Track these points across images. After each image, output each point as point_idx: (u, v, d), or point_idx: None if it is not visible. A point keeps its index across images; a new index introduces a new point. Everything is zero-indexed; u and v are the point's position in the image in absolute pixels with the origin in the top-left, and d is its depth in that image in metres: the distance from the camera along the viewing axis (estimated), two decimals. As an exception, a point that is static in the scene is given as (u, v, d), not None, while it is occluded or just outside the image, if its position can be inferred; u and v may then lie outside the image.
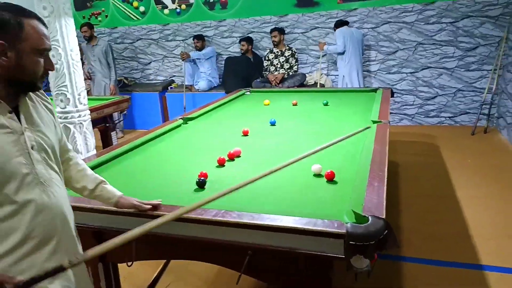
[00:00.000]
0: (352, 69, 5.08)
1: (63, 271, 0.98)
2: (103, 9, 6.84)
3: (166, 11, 6.47)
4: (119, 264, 1.84)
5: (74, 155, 1.40)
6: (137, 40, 6.77)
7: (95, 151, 2.83)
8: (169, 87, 6.35)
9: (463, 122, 5.32)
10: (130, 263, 1.59)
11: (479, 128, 4.97)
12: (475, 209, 3.05)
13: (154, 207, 1.43)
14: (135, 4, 6.60)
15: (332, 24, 5.44)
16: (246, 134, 2.49)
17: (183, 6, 6.35)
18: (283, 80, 5.44)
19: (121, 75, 6.70)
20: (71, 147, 1.42)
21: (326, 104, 3.29)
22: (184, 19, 6.39)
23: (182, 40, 6.49)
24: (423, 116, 5.49)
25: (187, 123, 2.85)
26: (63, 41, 2.64)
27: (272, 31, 5.56)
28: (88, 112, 2.82)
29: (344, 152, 2.03)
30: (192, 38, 6.14)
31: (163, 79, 6.77)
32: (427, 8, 5.15)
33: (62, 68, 2.63)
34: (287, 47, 5.60)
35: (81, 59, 2.96)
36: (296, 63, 5.63)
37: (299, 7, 5.73)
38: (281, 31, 5.57)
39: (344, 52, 5.05)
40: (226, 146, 2.18)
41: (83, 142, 2.75)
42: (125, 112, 4.45)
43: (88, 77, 5.86)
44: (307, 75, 5.67)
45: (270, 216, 1.29)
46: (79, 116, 2.74)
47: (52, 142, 1.18)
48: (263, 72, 5.73)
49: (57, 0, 2.60)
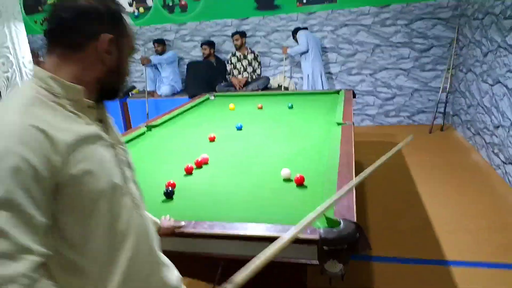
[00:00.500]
0: (315, 68, 5.17)
1: None
2: (56, 13, 6.55)
3: (124, 15, 6.29)
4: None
5: None
6: (94, 45, 6.53)
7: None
8: (130, 93, 6.17)
9: (420, 120, 5.54)
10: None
11: (436, 126, 5.19)
12: (435, 204, 3.17)
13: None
14: (91, 7, 6.37)
15: (293, 27, 5.51)
16: (212, 140, 2.45)
17: (141, 9, 6.19)
18: (247, 83, 5.43)
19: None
20: None
21: (291, 108, 3.31)
22: (143, 22, 6.23)
23: (142, 44, 6.33)
24: (383, 116, 5.67)
25: (151, 130, 2.77)
26: (13, 47, 2.49)
27: (233, 34, 5.54)
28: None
29: (311, 155, 2.05)
30: (152, 42, 6.01)
31: (123, 85, 6.57)
32: (383, 10, 5.32)
33: (14, 77, 2.48)
34: (250, 50, 5.60)
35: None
36: (259, 66, 5.64)
37: (260, 10, 5.75)
38: (242, 34, 5.56)
39: (307, 51, 5.14)
40: (193, 153, 2.14)
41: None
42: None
43: None
44: (270, 78, 5.69)
45: (241, 224, 1.27)
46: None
47: None
48: (227, 76, 5.70)
49: (4, 3, 2.45)
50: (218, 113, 3.41)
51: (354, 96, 3.74)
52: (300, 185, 1.66)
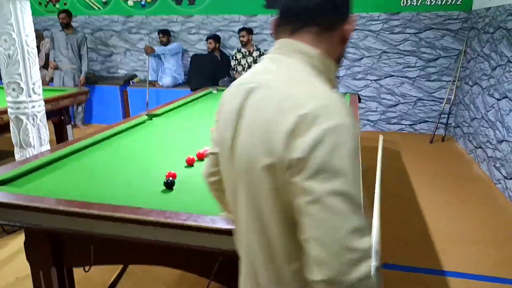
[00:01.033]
0: None
1: None
2: (62, -5, 6.46)
3: (130, 3, 6.22)
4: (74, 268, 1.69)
5: None
6: (98, 31, 6.45)
7: (48, 146, 2.63)
8: (131, 82, 6.10)
9: (422, 130, 5.52)
10: (87, 268, 1.47)
11: (437, 137, 5.17)
12: (435, 213, 3.14)
13: None
14: (98, -7, 6.29)
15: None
16: (215, 133, 2.40)
17: (149, -1, 6.13)
18: (250, 80, 5.38)
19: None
20: None
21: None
22: (149, 12, 6.17)
23: (147, 33, 6.26)
24: (385, 122, 5.64)
25: (152, 120, 2.72)
26: (17, 25, 2.42)
27: (240, 30, 5.49)
28: (42, 103, 2.60)
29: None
30: (157, 32, 5.94)
31: (124, 73, 6.50)
32: (393, 18, 5.29)
33: (15, 55, 2.41)
34: (255, 48, 5.55)
35: (37, 47, 2.73)
36: (264, 64, 5.59)
37: (269, 9, 5.70)
38: (249, 31, 5.51)
39: None
40: (194, 146, 2.08)
41: (36, 135, 2.53)
42: (83, 105, 4.21)
43: (55, 66, 5.54)
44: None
45: (246, 221, 1.21)
46: (33, 107, 2.52)
47: None
48: (230, 71, 5.64)
49: (12, -20, 2.38)
50: (221, 107, 3.36)
51: (360, 100, 3.70)
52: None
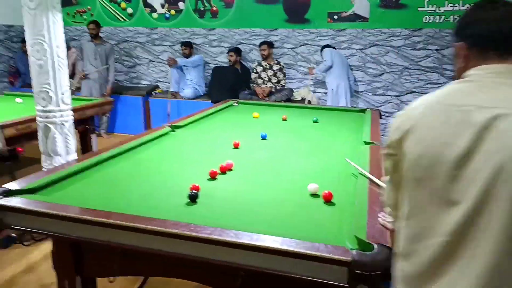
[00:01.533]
0: (340, 83, 5.14)
1: None
2: (89, 7, 6.68)
3: (155, 15, 6.37)
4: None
5: None
6: (122, 42, 6.62)
7: (75, 154, 2.69)
8: (153, 92, 6.22)
9: (443, 147, 5.42)
10: (112, 278, 1.48)
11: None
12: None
13: None
14: (123, 5, 6.47)
15: (321, 42, 5.50)
16: (237, 146, 2.42)
17: (173, 12, 6.27)
18: (270, 93, 5.42)
19: (103, 76, 6.53)
20: None
21: (316, 121, 3.26)
22: (173, 24, 6.30)
23: (170, 45, 6.39)
24: (405, 139, 5.56)
25: (174, 131, 2.76)
26: (49, 36, 2.51)
27: (261, 44, 5.55)
28: (71, 112, 2.68)
29: (338, 172, 1.99)
30: (180, 44, 6.05)
31: (147, 84, 6.63)
32: (414, 34, 5.26)
33: (46, 65, 2.49)
34: (276, 61, 5.60)
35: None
36: (284, 78, 5.63)
37: (290, 23, 5.75)
38: (270, 45, 5.57)
39: (332, 66, 5.13)
40: (216, 158, 2.11)
41: (64, 144, 2.60)
42: (108, 114, 4.31)
43: (83, 76, 5.70)
44: (294, 90, 5.67)
45: (269, 237, 1.21)
46: (61, 116, 2.59)
47: None
48: (251, 85, 5.69)
49: (45, -8, 2.47)
50: (242, 120, 3.39)
51: (381, 116, 3.67)
52: (328, 201, 1.61)
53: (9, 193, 1.52)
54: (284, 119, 3.36)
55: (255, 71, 5.65)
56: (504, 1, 0.95)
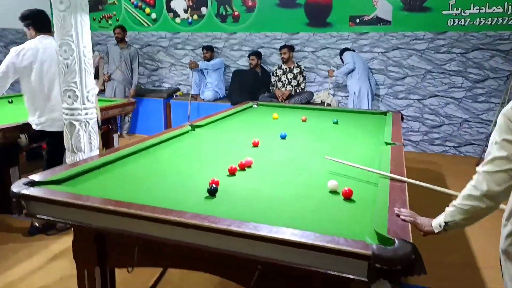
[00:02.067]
0: (363, 86, 5.07)
1: None
2: (114, 12, 6.85)
3: (178, 20, 6.48)
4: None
5: None
6: (146, 46, 6.75)
7: (98, 151, 2.75)
8: (174, 95, 6.31)
9: (467, 152, 5.28)
10: (130, 269, 1.50)
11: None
12: (482, 240, 2.97)
13: None
14: (147, 10, 6.61)
15: (342, 46, 5.46)
16: (256, 145, 2.42)
17: (195, 17, 6.36)
18: (290, 96, 5.41)
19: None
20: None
21: (336, 123, 3.24)
22: (195, 29, 6.39)
23: (191, 49, 6.48)
24: (428, 143, 5.46)
25: (194, 130, 2.78)
26: (77, 37, 2.58)
27: (281, 48, 5.56)
28: (95, 111, 2.74)
29: (358, 172, 1.96)
30: (201, 48, 6.13)
31: (168, 87, 6.73)
32: (438, 37, 5.17)
33: (73, 64, 2.56)
34: (296, 64, 5.60)
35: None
36: (304, 81, 5.62)
37: (311, 27, 5.75)
38: (291, 48, 5.57)
39: (354, 69, 5.07)
40: (235, 156, 2.12)
41: (87, 141, 2.66)
42: (130, 115, 4.40)
43: (108, 78, 5.86)
44: (314, 93, 5.65)
45: (289, 230, 1.21)
46: (86, 114, 2.65)
47: None
48: (270, 88, 5.70)
49: (73, -5, 2.55)
50: (261, 120, 3.39)
51: (403, 119, 3.61)
52: (348, 199, 1.59)
53: (34, 183, 1.57)
54: (304, 120, 3.35)
55: (275, 74, 5.66)
56: None
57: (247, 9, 6.02)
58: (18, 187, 1.52)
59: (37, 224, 2.97)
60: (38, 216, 1.50)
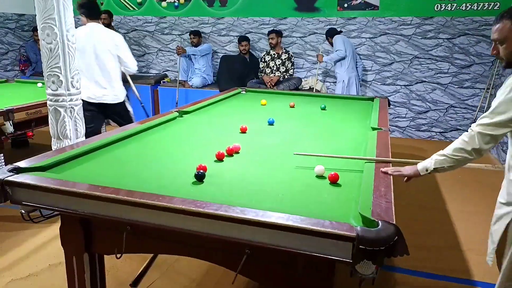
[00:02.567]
0: (351, 75, 5.04)
1: None
2: (99, -4, 6.69)
3: (164, 4, 6.37)
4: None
5: None
6: (131, 31, 6.64)
7: (84, 138, 2.72)
8: (161, 81, 6.23)
9: (453, 138, 5.36)
10: (119, 255, 1.51)
11: (469, 145, 5.01)
12: (465, 223, 3.05)
13: None
14: (133, -6, 6.48)
15: (331, 31, 5.45)
16: (244, 131, 2.42)
17: (182, 1, 6.26)
18: (278, 82, 5.40)
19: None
20: None
21: (324, 109, 3.25)
22: (182, 13, 6.30)
23: (178, 34, 6.39)
24: (414, 129, 5.53)
25: (182, 116, 2.77)
26: (59, 20, 2.53)
27: (269, 33, 5.52)
28: (80, 96, 2.71)
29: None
30: (188, 33, 6.05)
31: (156, 73, 6.65)
32: (426, 22, 5.19)
33: (56, 48, 2.52)
34: (284, 50, 5.57)
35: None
36: (292, 67, 5.60)
37: (299, 11, 5.71)
38: (278, 33, 5.53)
39: (345, 57, 5.00)
40: (224, 142, 2.12)
41: (73, 128, 2.63)
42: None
43: None
44: (302, 79, 5.64)
45: (275, 214, 1.22)
46: (71, 100, 2.62)
47: None
48: (259, 74, 5.68)
49: (56, -23, 2.49)
50: (249, 107, 3.39)
51: (389, 105, 3.64)
52: (334, 183, 1.61)
53: (19, 170, 1.55)
54: (292, 106, 3.35)
55: (263, 60, 5.63)
56: None
57: (235, -7, 5.94)
58: (2, 173, 1.51)
59: (22, 211, 2.94)
60: (24, 203, 1.49)
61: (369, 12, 5.39)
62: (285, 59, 5.53)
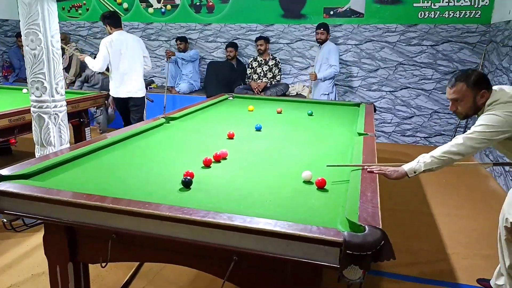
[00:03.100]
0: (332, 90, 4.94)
1: None
2: (84, 2, 6.64)
3: (151, 10, 6.35)
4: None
5: None
6: (118, 37, 6.58)
7: (69, 145, 2.68)
8: (148, 87, 6.19)
9: (437, 143, 5.46)
10: (104, 264, 1.48)
11: (453, 150, 5.10)
12: (450, 226, 3.09)
13: None
14: (119, 0, 6.44)
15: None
16: (231, 137, 2.42)
17: (169, 7, 6.25)
18: (265, 88, 5.42)
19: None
20: None
21: (311, 114, 3.27)
22: (169, 19, 6.28)
23: (165, 40, 6.37)
24: (400, 134, 5.60)
25: (169, 123, 2.75)
26: (44, 26, 2.50)
27: (258, 39, 5.54)
28: (64, 103, 2.67)
29: (332, 162, 1.99)
30: (175, 39, 6.04)
31: (142, 79, 6.60)
32: (410, 29, 5.29)
33: (41, 54, 2.48)
34: (271, 57, 5.60)
35: (62, 49, 2.80)
36: (279, 73, 5.63)
37: (286, 18, 5.76)
38: (266, 40, 5.57)
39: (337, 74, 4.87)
40: (211, 148, 2.11)
41: (57, 135, 2.59)
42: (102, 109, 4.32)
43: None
44: (289, 85, 5.67)
45: (263, 220, 1.22)
46: (55, 106, 2.58)
47: None
48: (246, 80, 5.69)
49: (40, -17, 2.46)
50: (237, 113, 3.39)
51: (375, 110, 3.69)
52: (321, 188, 1.62)
53: (1, 178, 1.52)
54: (279, 112, 3.37)
55: (250, 66, 5.65)
56: None
57: (222, -1, 5.96)
58: (-17, 182, 1.47)
59: (4, 220, 2.87)
60: (6, 211, 1.45)
61: (354, 20, 5.47)
62: (272, 65, 5.55)
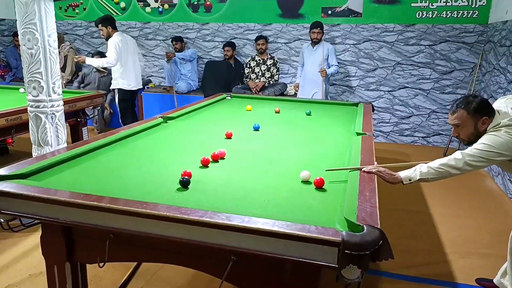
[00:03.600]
0: (318, 90, 4.98)
1: None
2: (81, 1, 6.62)
3: (148, 9, 6.34)
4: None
5: None
6: (115, 36, 6.56)
7: (66, 145, 2.67)
8: (146, 87, 6.18)
9: (435, 142, 5.47)
10: (102, 264, 1.48)
11: (451, 150, 5.09)
12: (448, 226, 3.09)
13: None
14: (116, -1, 6.42)
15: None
16: (229, 137, 2.42)
17: (166, 6, 6.23)
18: (263, 88, 5.42)
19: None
20: None
21: (309, 114, 3.27)
22: (166, 19, 6.27)
23: (163, 40, 6.36)
24: (398, 134, 5.60)
25: (167, 122, 2.75)
26: (41, 25, 2.49)
27: (258, 38, 5.53)
28: (61, 102, 2.66)
29: (330, 161, 2.00)
30: (170, 40, 6.03)
31: (140, 78, 6.59)
32: (408, 29, 5.29)
33: (38, 54, 2.47)
34: (269, 56, 5.60)
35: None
36: (278, 73, 5.63)
37: (284, 18, 5.75)
38: (267, 39, 5.57)
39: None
40: (209, 148, 2.11)
41: (54, 134, 2.58)
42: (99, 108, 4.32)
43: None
44: (287, 85, 5.67)
45: (261, 219, 1.22)
46: (52, 106, 2.57)
47: None
48: (244, 79, 5.69)
49: (37, -18, 2.45)
50: (235, 112, 3.38)
51: (373, 110, 3.69)
52: (319, 188, 1.61)
53: (-2, 178, 1.51)
54: (277, 112, 3.37)
55: (248, 65, 5.65)
56: None
57: (220, -1, 5.95)
58: (-20, 182, 1.46)
59: (1, 219, 2.86)
60: (3, 211, 1.45)
61: (352, 19, 5.47)
62: (270, 64, 5.55)
